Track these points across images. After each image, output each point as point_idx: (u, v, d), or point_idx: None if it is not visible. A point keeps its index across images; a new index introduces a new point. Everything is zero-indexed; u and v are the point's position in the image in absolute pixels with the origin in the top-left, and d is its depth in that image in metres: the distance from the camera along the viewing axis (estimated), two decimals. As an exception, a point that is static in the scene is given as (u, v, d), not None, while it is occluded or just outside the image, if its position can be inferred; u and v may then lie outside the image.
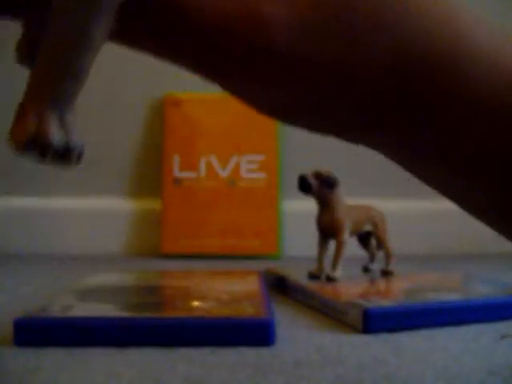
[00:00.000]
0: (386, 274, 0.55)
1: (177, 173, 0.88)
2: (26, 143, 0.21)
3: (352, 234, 0.54)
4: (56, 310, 0.38)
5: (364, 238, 0.57)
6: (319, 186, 0.51)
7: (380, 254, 0.58)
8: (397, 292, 0.46)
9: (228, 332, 0.36)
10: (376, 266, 0.58)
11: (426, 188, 0.93)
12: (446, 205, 0.92)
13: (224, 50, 0.20)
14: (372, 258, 0.58)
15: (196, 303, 0.41)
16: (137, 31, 0.21)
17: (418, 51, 0.19)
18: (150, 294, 0.46)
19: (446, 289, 0.48)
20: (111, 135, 0.92)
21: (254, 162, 0.88)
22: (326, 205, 0.51)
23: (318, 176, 0.51)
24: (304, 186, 0.51)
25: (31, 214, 0.90)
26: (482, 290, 0.47)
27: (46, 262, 0.78)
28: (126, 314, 0.39)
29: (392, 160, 0.23)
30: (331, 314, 0.44)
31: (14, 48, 0.24)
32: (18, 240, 0.90)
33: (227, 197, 0.88)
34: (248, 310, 0.39)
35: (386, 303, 0.41)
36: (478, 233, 0.91)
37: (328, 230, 0.52)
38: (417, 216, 0.91)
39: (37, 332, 0.36)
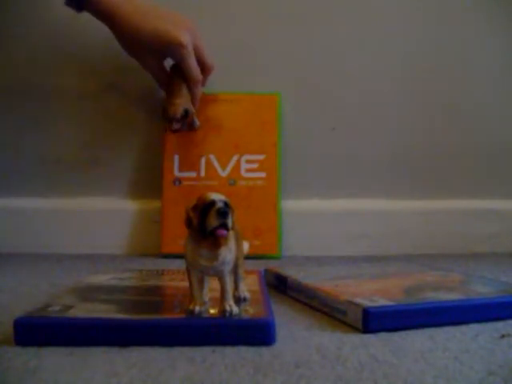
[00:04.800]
0: None
1: (177, 173, 0.88)
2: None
3: None
4: (56, 310, 0.38)
5: None
6: None
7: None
8: (397, 292, 0.46)
9: (228, 332, 0.36)
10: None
11: (425, 188, 0.93)
12: (446, 205, 0.92)
13: None
14: None
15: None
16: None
17: None
18: (149, 294, 0.46)
19: (445, 288, 0.48)
20: (111, 135, 0.92)
21: (254, 162, 0.88)
22: None
23: None
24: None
25: (31, 214, 0.90)
26: (482, 290, 0.47)
27: (46, 262, 0.78)
28: (125, 314, 0.39)
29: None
30: (331, 313, 0.44)
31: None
32: (18, 240, 0.90)
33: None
34: (248, 310, 0.39)
35: (385, 303, 0.41)
36: (477, 233, 0.91)
37: None
38: (416, 216, 0.91)
39: (37, 331, 0.36)
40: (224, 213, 0.36)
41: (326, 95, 0.92)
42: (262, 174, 0.88)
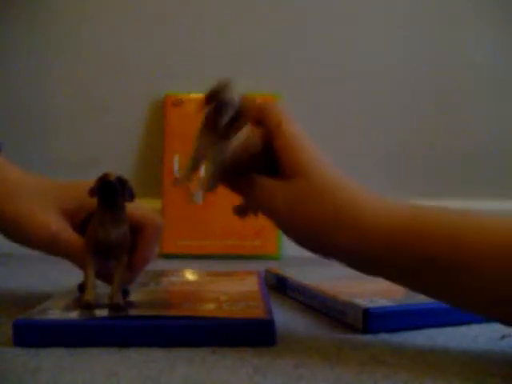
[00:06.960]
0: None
1: (177, 173, 0.88)
2: None
3: None
4: (56, 311, 0.38)
5: None
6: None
7: None
8: (397, 292, 0.46)
9: (228, 332, 0.36)
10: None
11: (425, 188, 0.93)
12: (445, 204, 0.92)
13: None
14: None
15: (196, 304, 0.41)
16: None
17: None
18: (149, 295, 0.46)
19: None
20: (111, 135, 0.92)
21: (254, 162, 0.88)
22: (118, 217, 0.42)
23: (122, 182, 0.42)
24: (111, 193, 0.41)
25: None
26: (482, 290, 0.47)
27: (46, 263, 0.78)
28: (125, 314, 0.39)
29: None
30: (331, 314, 0.44)
31: None
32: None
33: (227, 197, 0.87)
34: (248, 311, 0.39)
35: (386, 303, 0.41)
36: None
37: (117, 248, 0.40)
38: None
39: (36, 333, 0.36)
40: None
41: (326, 95, 0.92)
42: (262, 174, 0.88)
